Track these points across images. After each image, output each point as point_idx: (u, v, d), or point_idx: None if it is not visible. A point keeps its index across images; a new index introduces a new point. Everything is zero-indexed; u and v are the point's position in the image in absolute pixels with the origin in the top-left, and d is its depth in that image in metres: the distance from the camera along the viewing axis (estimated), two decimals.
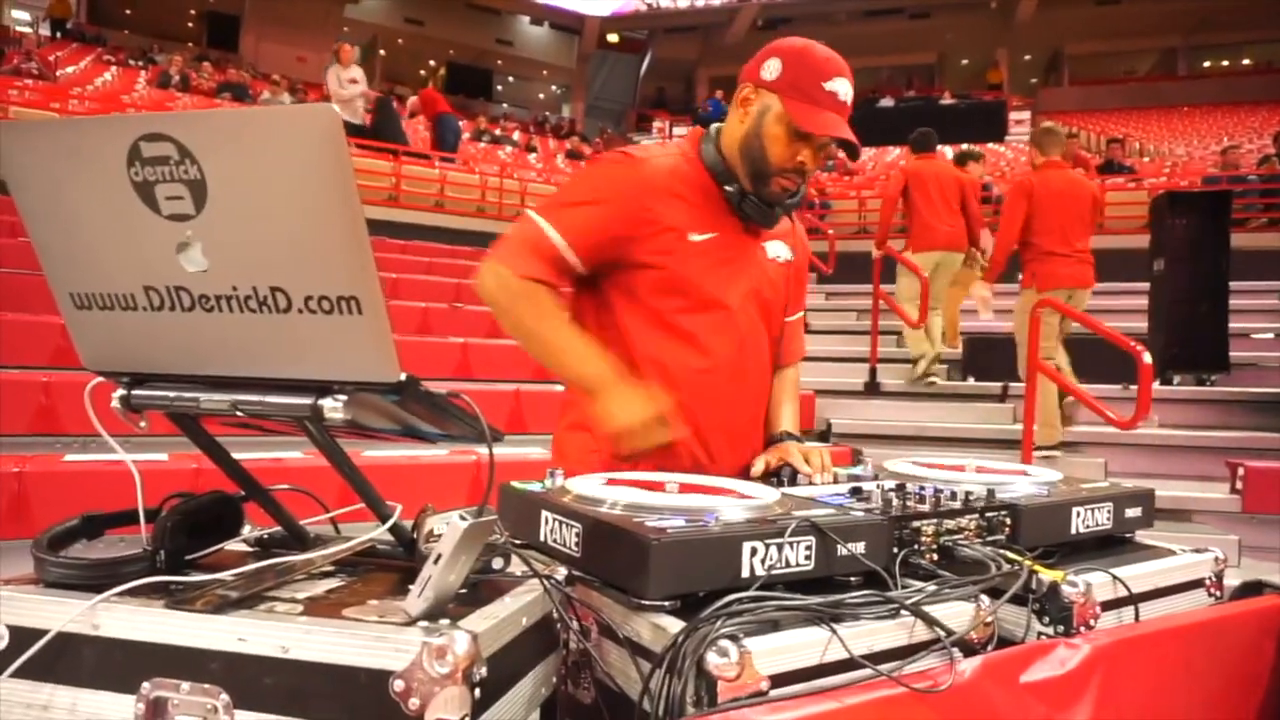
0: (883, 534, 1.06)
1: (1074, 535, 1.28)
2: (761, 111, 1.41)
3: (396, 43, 27.60)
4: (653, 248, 1.41)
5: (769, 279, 1.53)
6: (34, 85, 9.18)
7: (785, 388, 1.65)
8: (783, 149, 1.40)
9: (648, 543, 0.90)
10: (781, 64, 1.40)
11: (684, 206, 1.43)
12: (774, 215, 1.49)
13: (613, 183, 1.41)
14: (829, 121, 1.38)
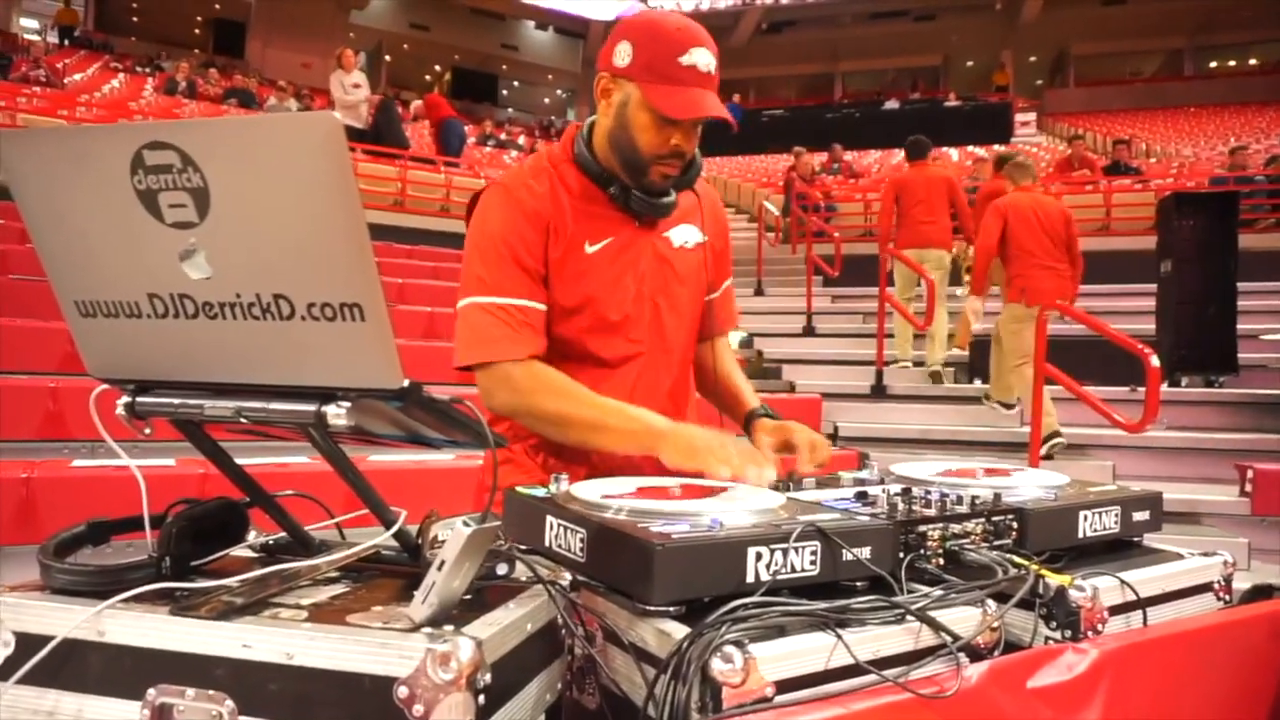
0: (888, 538, 1.06)
1: (1081, 539, 1.27)
2: (623, 102, 1.34)
3: (402, 48, 27.73)
4: (557, 267, 1.37)
5: (676, 271, 1.47)
6: (42, 92, 9.23)
7: (728, 359, 1.62)
8: (652, 136, 1.33)
9: (652, 548, 0.89)
10: (632, 47, 1.31)
11: (572, 219, 1.38)
12: (667, 205, 1.42)
13: (509, 218, 1.35)
14: (693, 100, 1.30)
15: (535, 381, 1.31)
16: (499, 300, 1.31)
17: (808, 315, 7.32)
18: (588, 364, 1.41)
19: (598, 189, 1.39)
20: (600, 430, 1.30)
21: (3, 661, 0.80)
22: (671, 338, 1.47)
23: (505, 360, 1.30)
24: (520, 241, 1.33)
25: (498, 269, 1.32)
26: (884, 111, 19.59)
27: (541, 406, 1.31)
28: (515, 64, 29.77)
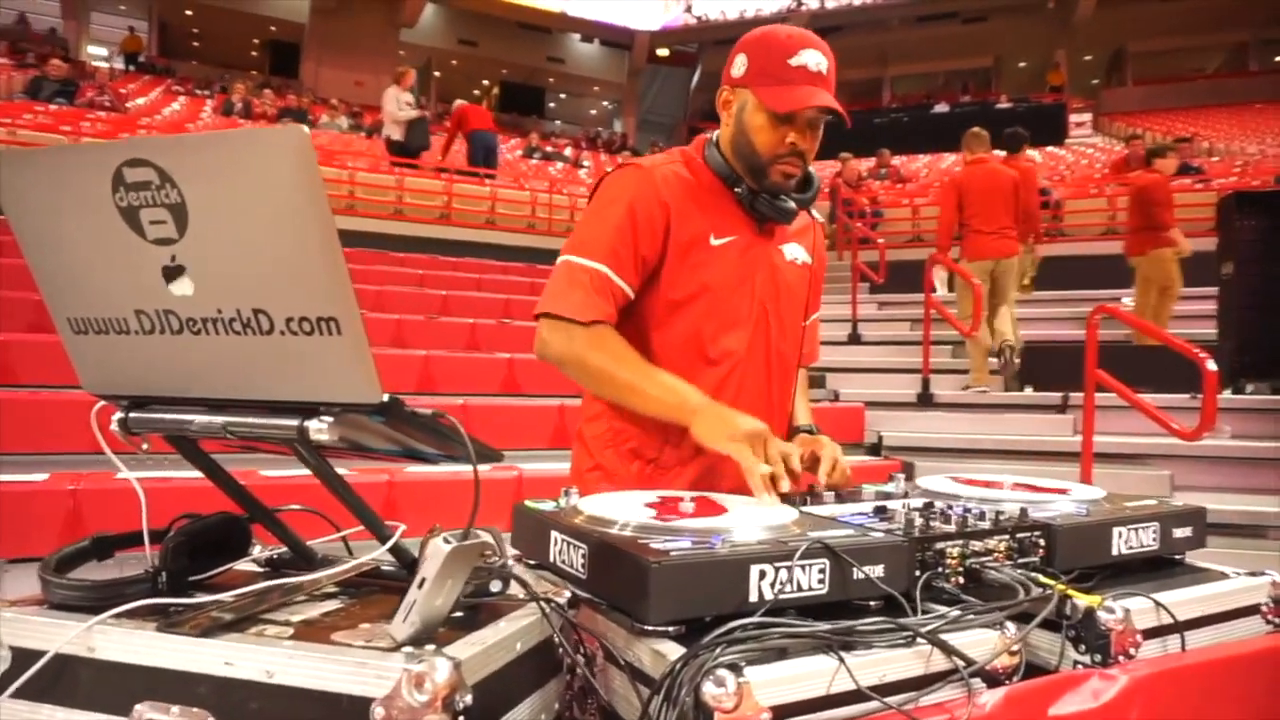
0: (902, 556, 1.02)
1: (1115, 557, 1.21)
2: (740, 108, 1.40)
3: (450, 64, 28.20)
4: (679, 255, 1.39)
5: (788, 282, 1.50)
6: (104, 117, 9.60)
7: (800, 385, 1.63)
8: (768, 136, 1.38)
9: (647, 566, 0.87)
10: (746, 57, 1.39)
11: (700, 211, 1.41)
12: (789, 209, 1.45)
13: (631, 195, 1.39)
14: (802, 95, 1.35)
15: (593, 339, 1.34)
16: (589, 263, 1.36)
17: (853, 323, 7.20)
18: (695, 358, 1.42)
19: (725, 188, 1.43)
20: (635, 393, 1.33)
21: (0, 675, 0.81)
22: (775, 346, 1.49)
23: (573, 319, 1.34)
24: (633, 220, 1.37)
25: (603, 236, 1.37)
26: (933, 115, 19.29)
27: (589, 359, 1.34)
28: (562, 76, 30.05)
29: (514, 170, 13.15)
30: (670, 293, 1.40)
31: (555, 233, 9.86)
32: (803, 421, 1.58)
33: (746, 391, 1.45)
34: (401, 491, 3.02)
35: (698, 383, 1.40)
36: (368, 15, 22.95)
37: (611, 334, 1.36)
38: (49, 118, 8.79)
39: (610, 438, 1.47)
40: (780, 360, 1.50)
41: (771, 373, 1.49)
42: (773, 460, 1.21)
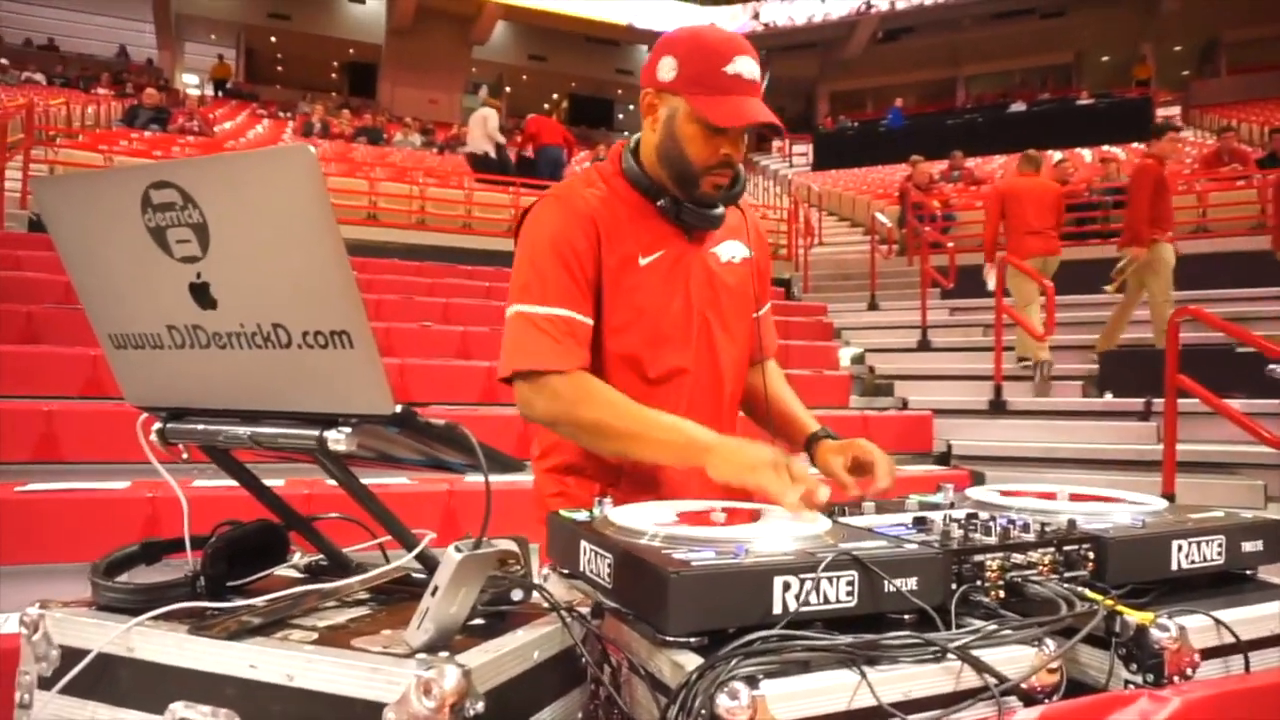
0: (938, 569, 0.99)
1: (1175, 572, 1.15)
2: (669, 115, 1.34)
3: (521, 79, 28.73)
4: (612, 280, 1.35)
5: (727, 284, 1.45)
6: (193, 141, 10.10)
7: (781, 383, 1.59)
8: (701, 147, 1.33)
9: (666, 576, 0.86)
10: (676, 60, 1.33)
11: (627, 231, 1.37)
12: (717, 216, 1.41)
13: (561, 228, 1.34)
14: (740, 108, 1.30)
15: (578, 391, 1.30)
16: (544, 310, 1.31)
17: (922, 329, 7.04)
18: (638, 380, 1.39)
19: (647, 202, 1.39)
20: (640, 441, 1.28)
21: (51, 672, 0.85)
22: (722, 354, 1.45)
23: (548, 370, 1.30)
24: (570, 250, 1.33)
25: (546, 278, 1.32)
26: (1009, 115, 18.71)
27: (581, 415, 1.30)
28: (630, 88, 30.22)
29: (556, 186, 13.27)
30: (608, 318, 1.36)
31: None
32: (815, 428, 1.52)
33: (698, 404, 1.41)
34: (460, 500, 3.08)
35: (649, 401, 1.34)
36: (441, 34, 23.57)
37: (594, 382, 1.31)
38: (143, 144, 9.30)
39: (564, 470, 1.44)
40: (731, 365, 1.47)
41: (722, 379, 1.45)
42: (800, 480, 1.18)
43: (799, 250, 10.04)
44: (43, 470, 3.21)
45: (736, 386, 1.50)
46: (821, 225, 12.76)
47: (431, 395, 4.32)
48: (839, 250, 11.37)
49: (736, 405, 1.52)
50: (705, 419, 1.36)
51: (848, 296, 8.97)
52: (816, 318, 7.48)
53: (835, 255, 10.95)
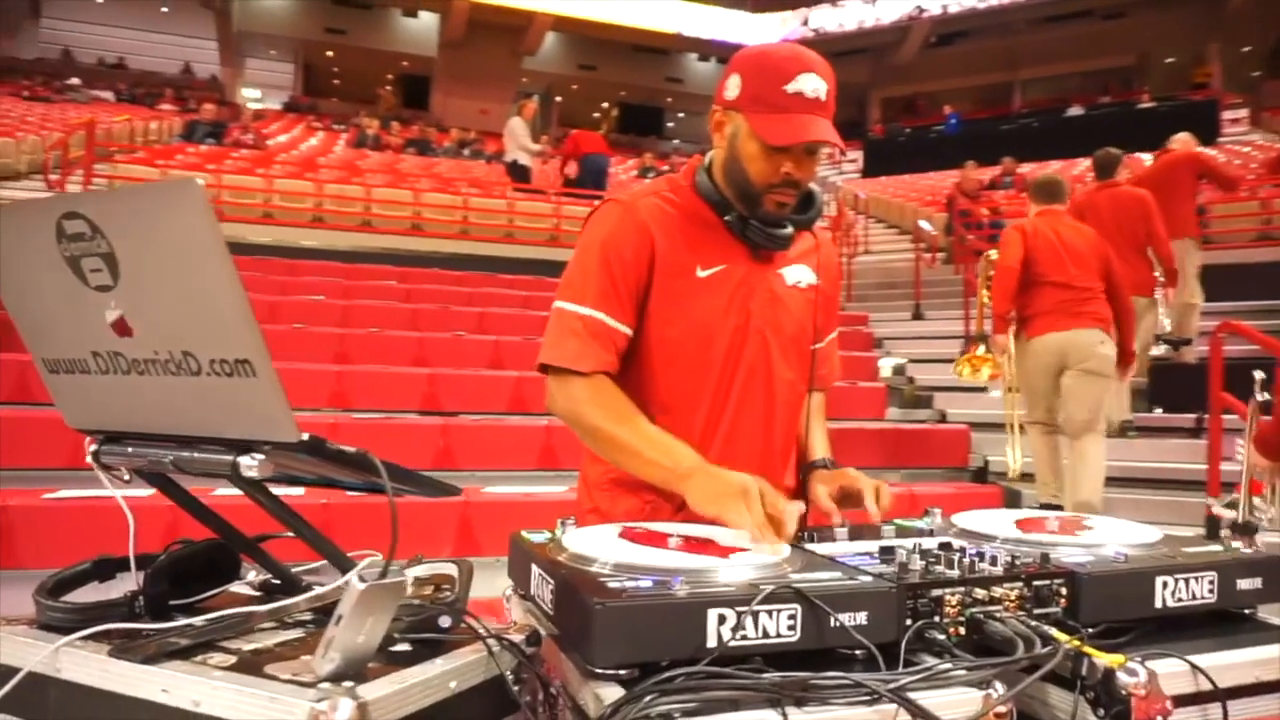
0: (890, 603, 0.95)
1: (1159, 610, 1.09)
2: (733, 133, 1.34)
3: (571, 88, 28.97)
4: (665, 288, 1.35)
5: (788, 308, 1.43)
6: (246, 155, 10.40)
7: (814, 411, 1.55)
8: (761, 166, 1.31)
9: (591, 606, 0.85)
10: (740, 79, 1.32)
11: (686, 241, 1.37)
12: (784, 236, 1.39)
13: (612, 231, 1.35)
14: (798, 127, 1.27)
15: (592, 394, 1.31)
16: (582, 310, 1.33)
17: (965, 339, 6.86)
18: (687, 395, 1.38)
19: (716, 216, 1.39)
20: (631, 455, 1.29)
21: None
22: (779, 377, 1.43)
23: (573, 369, 1.31)
24: (617, 256, 1.34)
25: (590, 279, 1.34)
26: (1066, 119, 18.23)
27: (587, 418, 1.31)
28: (680, 96, 30.30)
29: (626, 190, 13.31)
30: (659, 329, 1.36)
31: None
32: (819, 454, 1.50)
33: (744, 423, 1.40)
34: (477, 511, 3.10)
35: (695, 417, 1.37)
36: (492, 46, 23.89)
37: (609, 387, 1.32)
38: (198, 157, 9.60)
39: (606, 477, 1.43)
40: (785, 388, 1.44)
41: (774, 401, 1.42)
42: (771, 510, 1.15)
43: (843, 259, 9.90)
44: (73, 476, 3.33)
45: (790, 410, 1.47)
46: (869, 233, 12.58)
47: (460, 405, 4.36)
48: (886, 259, 11.19)
49: (790, 428, 1.48)
50: (752, 438, 1.38)
51: (893, 306, 8.81)
52: (857, 328, 7.37)
53: (882, 264, 10.78)
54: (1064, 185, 4.31)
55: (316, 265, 6.98)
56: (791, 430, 1.48)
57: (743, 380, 1.39)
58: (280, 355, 4.66)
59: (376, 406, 4.17)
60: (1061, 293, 3.98)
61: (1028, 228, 4.12)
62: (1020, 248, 4.04)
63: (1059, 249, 4.02)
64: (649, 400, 1.37)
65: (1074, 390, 3.95)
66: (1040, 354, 4.03)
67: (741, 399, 1.39)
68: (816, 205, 1.43)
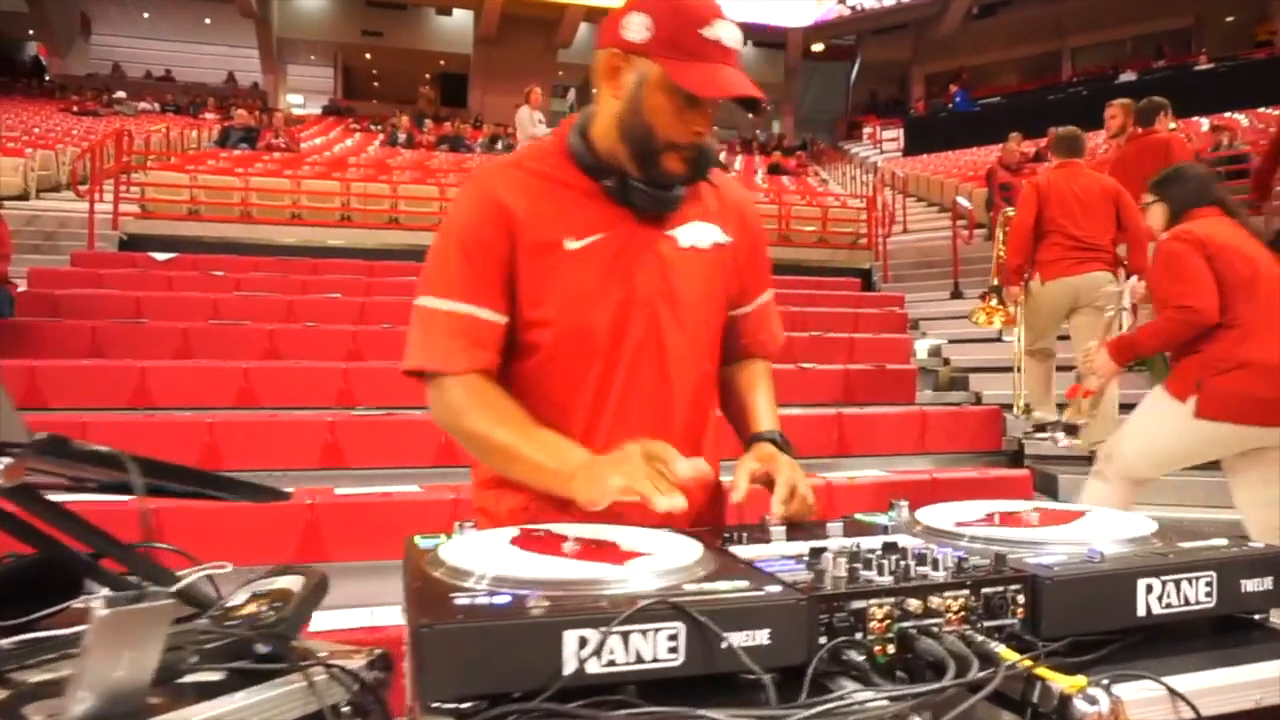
0: (798, 619, 0.80)
1: (1145, 619, 0.91)
2: (638, 82, 1.16)
3: None
4: (530, 265, 1.19)
5: (685, 274, 1.26)
6: (277, 158, 10.48)
7: (756, 380, 1.39)
8: (671, 120, 1.15)
9: (416, 630, 0.71)
10: (650, 18, 1.15)
11: (552, 212, 1.20)
12: (673, 198, 1.23)
13: (469, 216, 1.21)
14: (722, 78, 1.12)
15: (469, 398, 1.17)
16: (446, 305, 1.18)
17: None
18: (565, 381, 1.23)
19: (591, 181, 1.22)
20: (513, 460, 1.16)
21: None
22: (673, 352, 1.26)
23: (444, 372, 1.17)
24: (475, 240, 1.19)
25: (451, 270, 1.19)
26: (1119, 85, 17.43)
27: (467, 424, 1.17)
28: None
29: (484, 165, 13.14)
30: (530, 312, 1.21)
31: None
32: (764, 427, 1.33)
33: (634, 406, 1.24)
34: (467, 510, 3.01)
35: (579, 404, 1.22)
36: (526, 40, 23.84)
37: (488, 387, 1.18)
38: (229, 162, 9.70)
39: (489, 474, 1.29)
40: (683, 364, 1.27)
41: (669, 380, 1.26)
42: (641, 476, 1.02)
43: (879, 239, 9.61)
44: None
45: (695, 388, 1.30)
46: (907, 212, 12.21)
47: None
48: (926, 237, 10.84)
49: (698, 406, 1.32)
50: (644, 422, 1.22)
51: (931, 285, 8.51)
52: (890, 309, 7.11)
53: (921, 243, 10.44)
54: (1082, 138, 4.53)
55: (340, 264, 6.98)
56: (701, 410, 1.32)
57: (629, 359, 1.23)
58: (292, 354, 4.65)
59: (386, 403, 4.11)
60: (1072, 242, 4.22)
61: (1042, 182, 4.38)
62: (1034, 203, 4.30)
63: (1071, 202, 4.25)
64: (530, 392, 1.23)
65: (1084, 328, 4.13)
66: (1052, 295, 4.29)
67: (629, 380, 1.23)
68: (709, 154, 1.26)
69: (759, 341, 1.41)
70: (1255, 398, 2.52)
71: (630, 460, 1.03)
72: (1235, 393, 2.53)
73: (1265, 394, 2.52)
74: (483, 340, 1.18)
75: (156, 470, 0.70)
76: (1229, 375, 2.55)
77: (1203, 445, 2.66)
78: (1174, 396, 2.66)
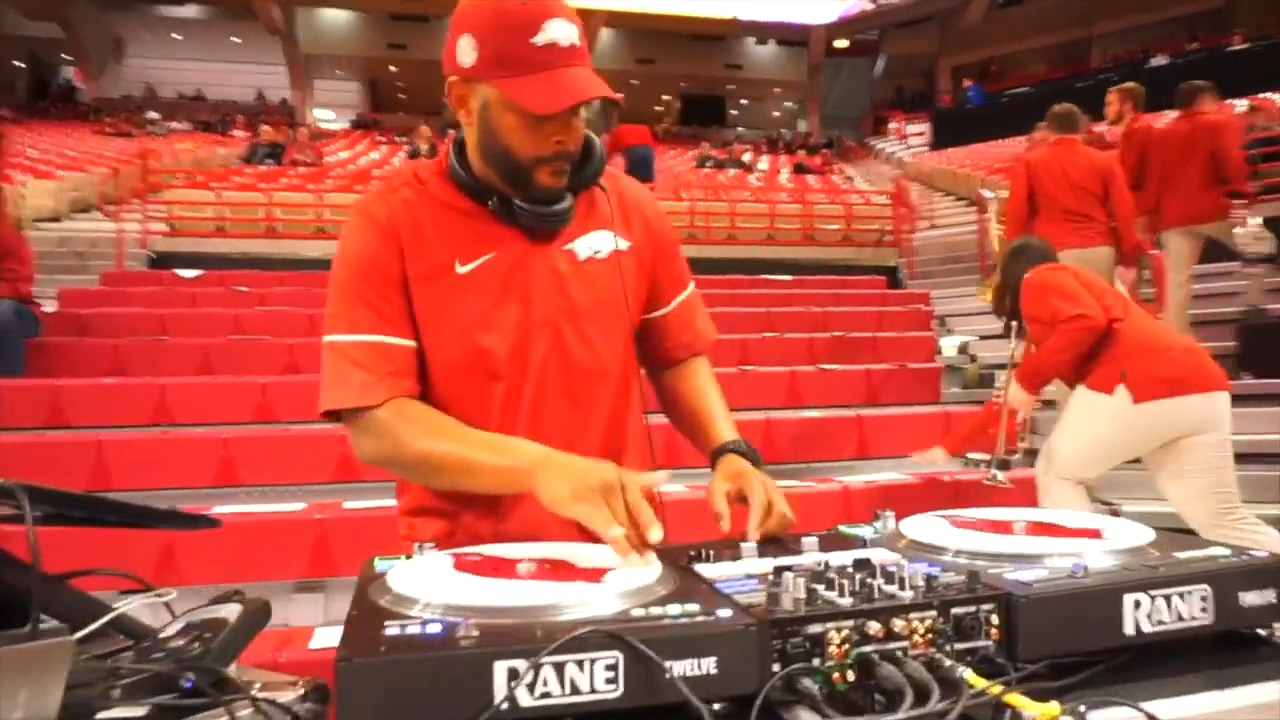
0: (748, 645, 0.75)
1: (1133, 638, 0.85)
2: (482, 107, 1.12)
3: (630, 83, 28.85)
4: (421, 292, 1.16)
5: (585, 286, 1.21)
6: (301, 172, 10.60)
7: (700, 386, 1.34)
8: (524, 138, 1.11)
9: (335, 665, 0.68)
10: (474, 40, 1.09)
11: (440, 236, 1.16)
12: (559, 212, 1.18)
13: (360, 244, 1.16)
14: (563, 86, 1.07)
15: (400, 422, 1.12)
16: (353, 338, 1.14)
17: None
18: (476, 414, 1.18)
19: (474, 203, 1.18)
20: (468, 471, 1.11)
21: None
22: (580, 368, 1.21)
23: (365, 406, 1.13)
24: (374, 267, 1.15)
25: (352, 303, 1.15)
26: (1149, 70, 17.06)
27: (407, 450, 1.12)
28: (741, 82, 29.87)
29: (683, 181, 13.11)
30: (428, 340, 1.16)
31: (714, 240, 9.67)
32: (725, 438, 1.27)
33: (544, 428, 1.18)
34: None
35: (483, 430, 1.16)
36: None
37: (417, 409, 1.14)
38: (254, 177, 9.84)
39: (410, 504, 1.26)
40: (592, 379, 1.22)
41: (579, 398, 1.22)
42: (634, 510, 0.96)
43: (904, 236, 9.48)
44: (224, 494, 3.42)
45: (613, 401, 1.26)
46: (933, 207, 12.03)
47: None
48: (954, 232, 10.66)
49: (615, 419, 1.27)
50: (559, 440, 1.15)
51: (959, 281, 8.36)
52: (914, 306, 6.99)
53: (948, 238, 10.27)
54: (1078, 115, 4.56)
55: None
56: (617, 426, 1.27)
57: (535, 381, 1.19)
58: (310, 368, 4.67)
59: None
60: (1065, 215, 4.31)
61: (1032, 159, 4.50)
62: (1025, 180, 4.41)
63: (1061, 179, 4.33)
64: None
65: None
66: None
67: (537, 401, 1.19)
68: (596, 160, 1.21)
69: (684, 344, 1.36)
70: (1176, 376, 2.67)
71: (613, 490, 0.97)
72: (1157, 373, 2.68)
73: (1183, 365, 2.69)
74: (399, 368, 1.14)
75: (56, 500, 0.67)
76: (1146, 358, 2.72)
77: (1138, 435, 2.75)
78: (1100, 392, 2.76)
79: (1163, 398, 2.66)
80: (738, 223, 10.09)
